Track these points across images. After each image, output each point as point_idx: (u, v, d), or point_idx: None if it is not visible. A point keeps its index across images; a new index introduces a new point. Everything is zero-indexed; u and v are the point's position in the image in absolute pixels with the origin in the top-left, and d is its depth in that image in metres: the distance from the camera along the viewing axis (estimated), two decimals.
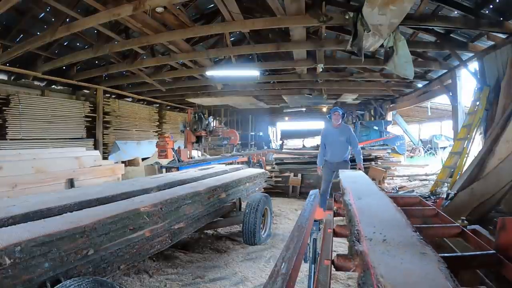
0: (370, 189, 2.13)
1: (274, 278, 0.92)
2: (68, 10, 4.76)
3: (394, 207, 1.54)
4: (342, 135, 4.50)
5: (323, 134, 4.75)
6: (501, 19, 4.62)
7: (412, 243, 1.01)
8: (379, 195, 1.90)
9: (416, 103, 10.84)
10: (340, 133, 4.52)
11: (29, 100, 7.34)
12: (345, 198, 1.74)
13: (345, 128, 4.63)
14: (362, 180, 2.63)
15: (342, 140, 4.49)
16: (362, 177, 2.81)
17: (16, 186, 4.22)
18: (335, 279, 2.71)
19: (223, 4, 4.59)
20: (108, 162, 6.99)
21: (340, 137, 4.49)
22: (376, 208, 1.52)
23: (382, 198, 1.79)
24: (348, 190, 1.96)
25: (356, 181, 2.52)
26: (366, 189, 2.11)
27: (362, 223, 1.24)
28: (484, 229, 1.52)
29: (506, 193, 3.27)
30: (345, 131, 4.56)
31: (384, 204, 1.62)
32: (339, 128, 4.56)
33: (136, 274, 2.85)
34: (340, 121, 4.51)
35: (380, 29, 4.13)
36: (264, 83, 10.04)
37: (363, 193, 1.91)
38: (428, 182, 7.25)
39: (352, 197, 1.74)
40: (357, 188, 2.10)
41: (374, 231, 1.13)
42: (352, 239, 1.09)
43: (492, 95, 4.91)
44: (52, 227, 1.70)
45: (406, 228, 1.17)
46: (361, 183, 2.43)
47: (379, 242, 1.03)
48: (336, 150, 4.54)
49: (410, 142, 15.52)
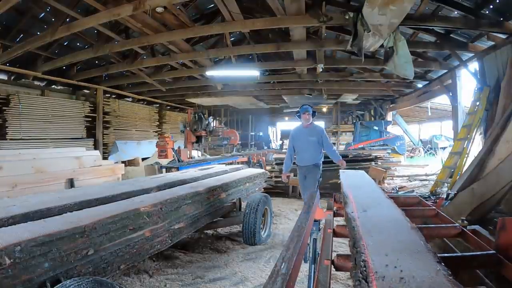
0: (376, 197, 1.86)
1: (274, 278, 0.91)
2: (68, 10, 4.76)
3: (407, 223, 1.30)
4: (312, 136, 4.04)
5: (291, 135, 4.24)
6: (501, 19, 4.62)
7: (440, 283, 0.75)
8: (387, 204, 1.66)
9: (416, 103, 10.84)
10: (310, 134, 4.06)
11: (29, 100, 7.34)
12: (348, 211, 1.47)
13: (316, 128, 4.15)
14: (367, 184, 2.37)
15: (312, 140, 4.02)
16: (366, 181, 2.56)
17: (16, 186, 4.22)
18: (335, 279, 2.71)
19: (223, 4, 4.59)
20: (108, 162, 6.99)
21: (310, 137, 4.03)
22: (386, 225, 1.28)
23: (391, 209, 1.55)
24: (351, 199, 1.72)
25: (359, 185, 2.26)
26: (372, 196, 1.87)
27: (370, 249, 1.00)
28: (484, 229, 1.52)
29: (506, 193, 3.27)
30: (315, 131, 4.09)
31: (395, 219, 1.37)
32: (309, 128, 4.09)
33: (136, 274, 2.85)
34: (310, 121, 4.06)
35: (380, 29, 4.13)
36: (264, 83, 10.04)
37: (369, 202, 1.67)
38: (428, 182, 7.25)
39: (356, 209, 1.49)
40: (361, 196, 1.85)
41: (387, 262, 0.89)
42: (357, 275, 0.82)
43: (492, 95, 4.91)
44: (52, 227, 1.70)
45: (427, 257, 0.93)
46: (366, 189, 2.15)
47: (395, 282, 0.76)
48: (306, 153, 4.06)
49: (410, 142, 15.52)
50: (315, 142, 4.02)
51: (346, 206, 1.60)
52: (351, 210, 1.49)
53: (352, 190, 1.97)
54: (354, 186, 2.16)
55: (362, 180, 2.57)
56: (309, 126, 4.09)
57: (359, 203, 1.61)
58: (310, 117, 4.05)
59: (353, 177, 2.74)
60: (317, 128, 4.16)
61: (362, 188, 2.14)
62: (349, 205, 1.61)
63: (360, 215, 1.39)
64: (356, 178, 2.72)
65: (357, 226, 1.22)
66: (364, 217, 1.37)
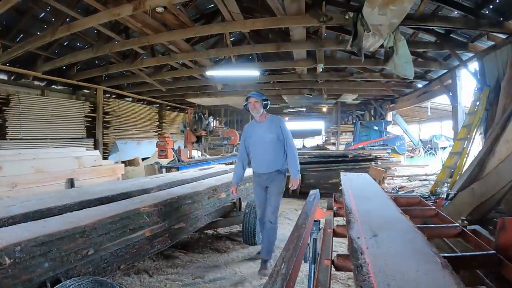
0: (389, 213, 1.45)
1: (274, 278, 0.92)
2: (68, 10, 4.76)
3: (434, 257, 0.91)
4: (270, 132, 3.03)
5: (242, 135, 3.26)
6: (501, 19, 4.62)
7: None
8: (404, 226, 1.26)
9: (416, 103, 10.85)
10: (267, 129, 3.04)
11: (29, 100, 7.34)
12: (353, 235, 1.12)
13: (274, 121, 3.10)
14: (374, 194, 1.95)
15: (271, 138, 3.02)
16: (373, 189, 2.12)
17: (16, 186, 4.22)
18: (335, 279, 2.71)
19: (223, 4, 4.59)
20: (108, 162, 6.99)
21: (267, 134, 3.03)
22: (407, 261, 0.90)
23: (410, 233, 1.15)
24: (356, 217, 1.36)
25: (366, 194, 1.88)
26: (384, 214, 1.46)
27: None
28: (484, 229, 1.52)
29: (506, 193, 3.27)
30: (274, 125, 3.06)
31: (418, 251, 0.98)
32: (265, 123, 3.09)
33: (136, 274, 2.85)
34: (261, 112, 3.05)
35: (380, 29, 4.13)
36: (264, 83, 10.05)
37: (380, 221, 1.31)
38: (428, 182, 7.24)
39: (363, 232, 1.14)
40: (369, 211, 1.48)
41: None
42: None
43: (492, 95, 4.91)
44: (52, 227, 1.69)
45: None
46: (375, 201, 1.75)
47: None
48: (264, 156, 3.04)
49: (410, 142, 15.52)
50: (275, 140, 3.02)
51: (350, 226, 1.24)
52: (357, 233, 1.14)
53: (356, 202, 1.63)
54: (359, 196, 1.81)
55: (368, 188, 2.17)
56: (263, 119, 3.11)
57: (366, 223, 1.28)
58: (260, 107, 3.02)
59: (356, 183, 2.37)
60: (275, 121, 3.10)
61: (370, 199, 1.78)
62: (353, 225, 1.26)
63: (370, 243, 1.04)
64: (361, 184, 2.34)
65: (367, 266, 0.87)
66: (376, 247, 1.02)
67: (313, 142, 20.90)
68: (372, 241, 1.07)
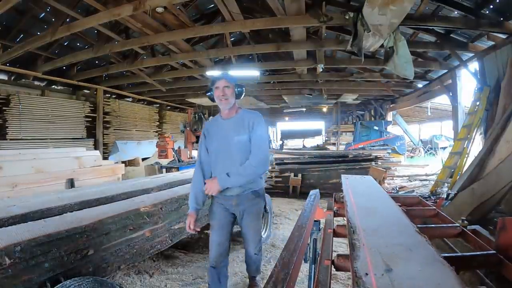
0: (404, 234, 1.12)
1: (274, 278, 0.91)
2: (68, 10, 4.76)
3: None
4: (238, 132, 2.07)
5: (201, 136, 2.27)
6: (501, 19, 4.62)
7: None
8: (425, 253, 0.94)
9: (416, 103, 10.85)
10: (235, 129, 2.08)
11: (29, 100, 7.34)
12: (358, 269, 0.84)
13: (247, 118, 2.10)
14: (382, 205, 1.59)
15: (240, 142, 2.05)
16: (380, 199, 1.76)
17: (16, 186, 4.22)
18: (335, 279, 2.71)
19: (223, 4, 4.59)
20: (108, 162, 6.99)
21: (234, 136, 2.06)
22: None
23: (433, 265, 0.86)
24: (362, 240, 1.05)
25: (372, 205, 1.57)
26: (397, 234, 1.13)
27: None
28: (484, 229, 1.52)
29: (506, 193, 3.27)
30: (246, 123, 2.08)
31: None
32: (233, 119, 2.13)
33: (136, 274, 2.85)
34: (232, 103, 2.09)
35: (380, 29, 4.13)
36: (264, 83, 10.05)
37: (393, 246, 0.99)
38: (428, 182, 7.24)
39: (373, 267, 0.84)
40: (378, 231, 1.16)
41: None
42: None
43: (492, 95, 4.91)
44: (52, 227, 1.70)
45: None
46: (383, 213, 1.43)
47: None
48: (230, 169, 2.02)
49: (410, 142, 15.52)
50: (247, 145, 2.05)
51: (355, 255, 0.94)
52: (364, 267, 0.84)
53: (361, 216, 1.34)
54: (364, 208, 1.51)
55: (374, 196, 1.87)
56: (233, 114, 2.14)
57: (375, 249, 0.96)
58: (231, 96, 2.07)
59: (360, 189, 2.03)
60: (249, 118, 2.09)
61: (377, 211, 1.46)
62: (359, 253, 0.95)
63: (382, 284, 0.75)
64: (365, 191, 2.02)
65: None
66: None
67: (313, 142, 20.92)
68: (385, 280, 0.77)
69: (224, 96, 2.05)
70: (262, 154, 2.04)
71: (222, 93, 2.05)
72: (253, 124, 2.07)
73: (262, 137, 2.07)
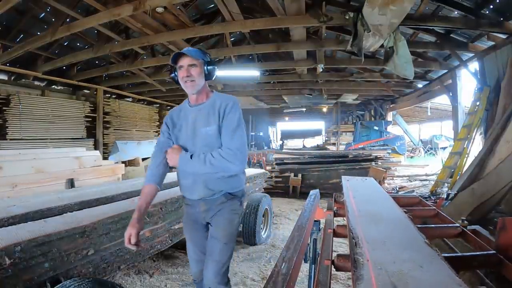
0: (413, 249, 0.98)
1: (274, 278, 0.91)
2: (68, 10, 4.76)
3: None
4: (208, 122, 1.70)
5: (164, 127, 1.84)
6: (501, 19, 4.62)
7: None
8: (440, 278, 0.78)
9: (416, 103, 10.85)
10: (205, 118, 1.71)
11: (29, 100, 7.33)
12: None
13: (219, 103, 1.70)
14: (387, 212, 1.46)
15: (209, 134, 1.68)
16: (385, 205, 1.60)
17: (16, 186, 4.22)
18: (335, 279, 2.71)
19: (223, 4, 4.59)
20: (108, 162, 6.99)
21: (203, 126, 1.70)
22: None
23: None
24: (367, 256, 0.91)
25: (376, 211, 1.43)
26: (406, 247, 0.99)
27: None
28: (484, 229, 1.52)
29: (507, 193, 3.27)
30: (217, 110, 1.69)
31: None
32: (204, 106, 1.74)
33: (136, 274, 2.85)
34: (201, 86, 1.71)
35: (380, 29, 4.13)
36: (264, 83, 10.04)
37: (403, 262, 0.86)
38: (428, 182, 7.25)
39: None
40: (386, 243, 1.02)
41: None
42: None
43: (492, 95, 4.91)
44: (52, 227, 1.70)
45: None
46: (389, 222, 1.29)
47: None
48: None
49: (410, 142, 15.53)
50: (215, 137, 1.67)
51: (358, 275, 0.81)
52: None
53: (365, 225, 1.20)
54: (367, 215, 1.36)
55: (378, 201, 1.70)
56: (204, 100, 1.76)
57: (383, 269, 0.82)
58: (199, 77, 1.68)
59: (362, 193, 1.88)
60: (222, 103, 1.70)
61: (382, 220, 1.31)
62: (362, 272, 0.82)
63: None
64: (368, 195, 1.87)
65: None
66: None
67: (313, 142, 20.93)
68: None
69: (189, 77, 1.65)
70: (235, 146, 1.59)
71: (187, 73, 1.64)
72: (224, 110, 1.66)
73: (235, 126, 1.64)
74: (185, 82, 1.67)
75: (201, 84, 1.71)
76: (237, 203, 1.76)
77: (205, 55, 1.72)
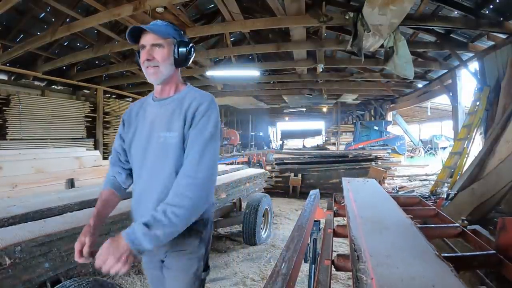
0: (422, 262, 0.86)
1: (274, 278, 0.91)
2: (68, 10, 4.76)
3: None
4: (171, 125, 1.17)
5: (121, 126, 1.41)
6: (501, 19, 4.62)
7: None
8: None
9: (416, 103, 10.85)
10: (168, 119, 1.18)
11: (29, 100, 7.33)
12: None
13: (188, 99, 1.19)
14: (391, 217, 1.37)
15: (166, 143, 1.15)
16: (389, 211, 1.49)
17: (16, 186, 4.22)
18: (335, 279, 2.71)
19: (223, 4, 4.59)
20: (108, 162, 6.99)
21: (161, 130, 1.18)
22: None
23: None
24: (371, 273, 0.80)
25: (380, 217, 1.33)
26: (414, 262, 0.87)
27: None
28: (484, 229, 1.52)
29: (507, 193, 3.27)
30: (184, 106, 1.17)
31: None
32: (169, 101, 1.23)
33: (136, 274, 2.85)
34: (168, 74, 1.22)
35: (380, 29, 4.13)
36: (264, 83, 10.05)
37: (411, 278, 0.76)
38: (428, 182, 7.25)
39: None
40: (391, 256, 0.90)
41: None
42: None
43: (492, 95, 4.91)
44: (52, 227, 1.70)
45: None
46: (394, 231, 1.17)
47: None
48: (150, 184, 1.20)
49: (410, 142, 15.54)
50: (180, 148, 1.14)
51: None
52: None
53: (368, 234, 1.10)
54: (370, 222, 1.25)
55: (382, 207, 1.58)
56: (169, 93, 1.27)
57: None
58: (163, 61, 1.18)
59: (363, 196, 1.79)
60: (191, 101, 1.18)
61: (387, 228, 1.19)
62: None
63: None
64: (370, 200, 1.75)
65: None
66: None
67: (313, 142, 20.94)
68: None
69: (150, 61, 1.18)
70: (202, 174, 1.08)
71: (148, 55, 1.18)
72: (194, 114, 1.15)
73: (207, 139, 1.12)
74: (146, 67, 1.19)
75: (168, 71, 1.22)
76: (194, 239, 1.21)
77: (177, 32, 1.23)
